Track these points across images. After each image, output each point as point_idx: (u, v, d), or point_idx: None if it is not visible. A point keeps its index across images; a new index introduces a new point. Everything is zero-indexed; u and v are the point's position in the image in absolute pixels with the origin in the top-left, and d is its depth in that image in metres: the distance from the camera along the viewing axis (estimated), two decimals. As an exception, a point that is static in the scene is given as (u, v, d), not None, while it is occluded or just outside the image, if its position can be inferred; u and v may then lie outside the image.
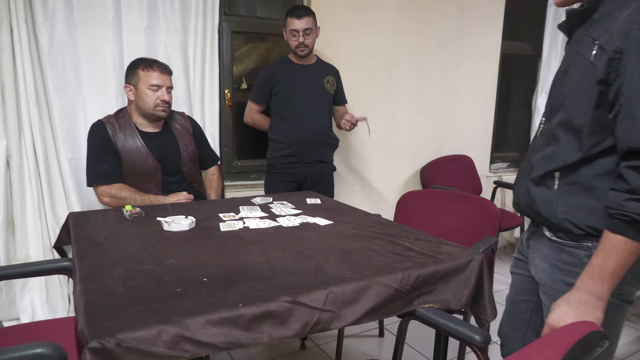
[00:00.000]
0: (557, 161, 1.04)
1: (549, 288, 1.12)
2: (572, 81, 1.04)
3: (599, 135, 0.97)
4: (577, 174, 1.02)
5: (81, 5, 2.23)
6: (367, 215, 1.79)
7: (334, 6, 2.74)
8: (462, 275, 1.30)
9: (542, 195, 1.08)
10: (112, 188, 1.93)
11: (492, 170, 3.62)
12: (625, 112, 0.91)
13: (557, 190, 1.05)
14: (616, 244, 0.93)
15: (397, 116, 3.09)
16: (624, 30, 0.91)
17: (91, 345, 0.81)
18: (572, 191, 1.03)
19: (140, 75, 1.97)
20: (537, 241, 1.16)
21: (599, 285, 0.95)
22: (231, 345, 0.94)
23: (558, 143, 1.05)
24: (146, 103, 1.96)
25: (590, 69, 0.97)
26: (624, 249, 0.92)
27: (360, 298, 1.11)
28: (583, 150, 1.00)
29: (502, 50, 3.43)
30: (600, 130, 0.97)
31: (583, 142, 1.00)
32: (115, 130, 1.97)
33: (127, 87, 2.00)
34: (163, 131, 2.08)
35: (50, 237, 2.32)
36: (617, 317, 1.08)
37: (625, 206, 0.90)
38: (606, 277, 0.94)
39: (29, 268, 1.44)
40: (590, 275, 0.96)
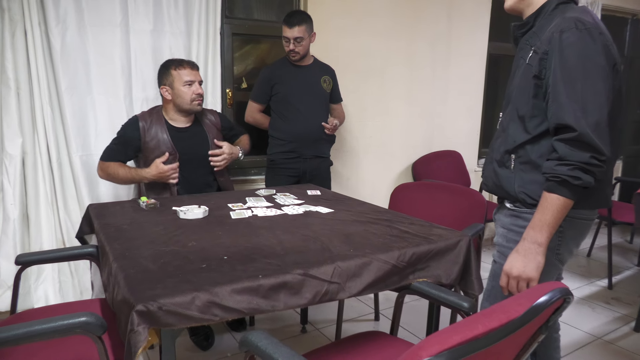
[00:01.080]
0: (509, 143, 1.30)
1: (504, 247, 1.36)
2: (517, 79, 1.30)
3: (538, 119, 1.23)
4: (527, 154, 1.26)
5: (91, 10, 2.35)
6: (364, 204, 1.94)
7: (329, 12, 2.89)
8: (451, 254, 1.45)
9: (503, 174, 1.33)
10: (103, 163, 2.13)
11: (480, 165, 3.80)
12: (552, 98, 1.17)
13: (513, 169, 1.30)
14: (551, 201, 1.16)
15: (389, 114, 3.25)
16: (549, 37, 1.18)
17: (138, 308, 0.95)
18: (525, 169, 1.27)
19: (173, 75, 2.11)
20: (500, 214, 1.40)
21: (539, 234, 1.18)
22: (253, 310, 1.09)
23: (509, 129, 1.31)
24: (184, 99, 2.11)
25: (528, 68, 1.24)
26: (557, 204, 1.16)
27: (363, 272, 1.26)
28: (528, 132, 1.25)
29: (488, 50, 3.61)
30: (538, 114, 1.23)
31: (526, 125, 1.25)
32: (146, 124, 2.13)
33: (163, 88, 2.14)
34: (193, 125, 2.22)
35: (62, 230, 2.44)
36: (551, 274, 1.32)
37: (556, 170, 1.15)
38: (545, 227, 1.18)
39: (58, 254, 1.57)
40: (532, 227, 1.20)
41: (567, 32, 1.14)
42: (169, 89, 2.13)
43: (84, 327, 1.07)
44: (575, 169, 1.12)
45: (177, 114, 2.17)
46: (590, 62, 1.13)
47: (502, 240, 1.37)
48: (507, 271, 1.23)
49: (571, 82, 1.13)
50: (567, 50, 1.13)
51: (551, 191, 1.16)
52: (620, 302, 2.84)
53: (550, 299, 0.86)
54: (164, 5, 2.50)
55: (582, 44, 1.13)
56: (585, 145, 1.11)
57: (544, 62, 1.19)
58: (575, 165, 1.12)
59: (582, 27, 1.14)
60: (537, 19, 1.28)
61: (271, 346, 0.97)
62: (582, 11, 1.20)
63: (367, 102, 3.15)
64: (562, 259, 1.31)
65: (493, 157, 1.37)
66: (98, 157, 2.44)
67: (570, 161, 1.12)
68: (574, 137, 1.12)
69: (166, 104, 2.19)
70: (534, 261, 1.19)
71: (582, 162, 1.12)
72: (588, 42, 1.13)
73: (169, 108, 2.18)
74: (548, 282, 0.94)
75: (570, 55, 1.13)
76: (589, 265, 3.49)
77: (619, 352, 2.27)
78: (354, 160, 3.17)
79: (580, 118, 1.11)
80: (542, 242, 1.18)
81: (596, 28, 1.15)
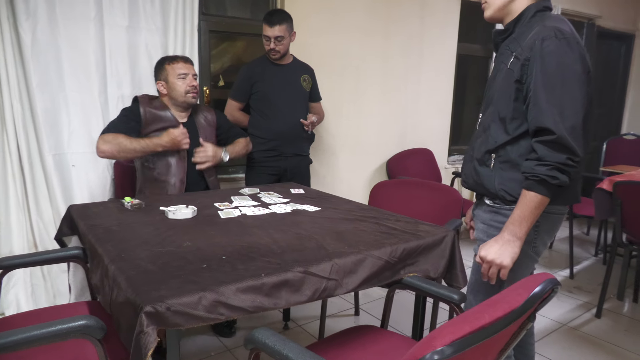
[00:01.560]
0: (490, 143, 1.37)
1: (483, 242, 1.41)
2: (498, 83, 1.37)
3: (518, 121, 1.31)
4: (506, 154, 1.34)
5: (63, 3, 2.27)
6: (348, 202, 1.98)
7: (306, 10, 2.91)
8: (438, 249, 1.52)
9: (483, 172, 1.40)
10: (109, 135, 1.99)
11: (450, 162, 3.93)
12: (533, 102, 1.24)
13: (493, 168, 1.37)
14: (530, 198, 1.25)
15: (364, 113, 3.31)
16: (530, 44, 1.26)
17: (146, 309, 0.95)
18: (505, 168, 1.35)
19: (167, 70, 2.11)
20: (479, 210, 1.48)
21: (518, 229, 1.27)
22: (257, 309, 1.10)
23: (490, 130, 1.37)
24: (178, 92, 2.12)
25: (509, 73, 1.31)
26: (535, 201, 1.24)
27: (358, 268, 1.31)
28: (508, 133, 1.32)
29: (457, 51, 3.73)
30: (518, 117, 1.30)
31: (507, 126, 1.33)
32: (146, 102, 2.11)
33: (158, 83, 2.15)
34: (188, 122, 2.20)
35: (35, 233, 2.35)
36: (528, 266, 1.41)
37: (535, 170, 1.23)
38: (523, 222, 1.26)
39: (42, 256, 1.52)
40: (512, 222, 1.28)
41: (547, 41, 1.22)
42: (164, 84, 2.13)
43: (83, 331, 1.06)
44: (553, 169, 1.21)
45: (173, 107, 2.17)
46: (568, 69, 1.21)
47: (482, 235, 1.44)
48: (482, 256, 1.31)
49: (551, 87, 1.21)
50: (548, 57, 1.21)
51: (530, 189, 1.24)
52: (581, 291, 3.03)
53: (545, 288, 0.92)
54: (139, 1, 2.45)
55: (561, 53, 1.21)
56: (562, 147, 1.20)
57: (525, 67, 1.26)
58: (552, 165, 1.20)
59: (561, 37, 1.22)
60: (517, 25, 1.35)
61: (279, 342, 0.99)
62: (560, 20, 1.28)
63: (343, 101, 3.19)
64: (538, 251, 1.40)
65: (473, 155, 1.44)
66: (72, 155, 2.39)
67: (549, 162, 1.21)
68: (552, 140, 1.20)
69: (162, 97, 2.18)
70: (509, 251, 1.27)
71: (559, 162, 1.20)
72: (566, 50, 1.21)
73: (166, 102, 2.17)
74: (540, 274, 1.01)
75: (550, 63, 1.21)
76: (551, 257, 3.69)
77: (583, 337, 2.43)
78: (330, 158, 3.21)
79: (559, 122, 1.19)
80: (520, 236, 1.27)
81: (573, 38, 1.23)
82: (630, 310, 2.78)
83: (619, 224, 2.56)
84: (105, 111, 2.43)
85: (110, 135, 1.99)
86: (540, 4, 1.34)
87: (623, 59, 5.34)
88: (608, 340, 2.40)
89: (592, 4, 4.53)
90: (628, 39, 5.25)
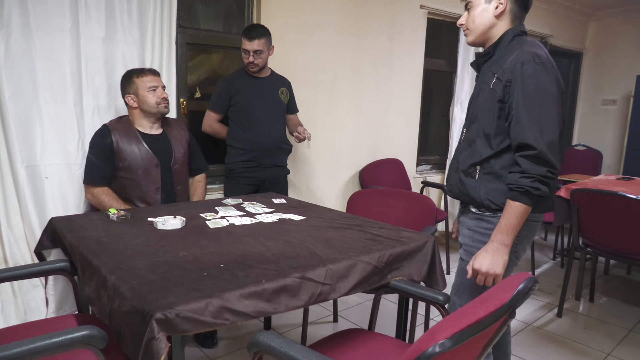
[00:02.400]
0: (476, 157, 1.49)
1: (469, 247, 1.55)
2: (481, 102, 1.49)
3: (501, 137, 1.43)
4: (490, 166, 1.46)
5: (38, 14, 2.23)
6: (330, 210, 2.05)
7: (282, 25, 2.98)
8: (420, 253, 1.61)
9: (469, 182, 1.51)
10: (95, 189, 2.10)
11: (418, 172, 4.09)
12: (515, 120, 1.37)
13: (478, 179, 1.49)
14: (515, 208, 1.36)
15: (337, 125, 3.41)
16: (511, 68, 1.38)
17: (157, 316, 0.98)
18: (489, 179, 1.47)
19: (137, 83, 2.13)
20: (465, 217, 1.59)
21: (505, 237, 1.39)
22: (259, 314, 1.15)
23: (475, 144, 1.49)
24: (150, 105, 2.13)
25: (491, 93, 1.44)
26: (520, 211, 1.36)
27: (350, 273, 1.37)
28: (492, 148, 1.44)
29: (424, 66, 3.91)
30: (501, 133, 1.43)
31: (491, 142, 1.45)
32: (118, 135, 2.10)
33: (128, 97, 2.15)
34: (162, 135, 2.22)
35: (5, 247, 2.27)
36: (510, 269, 1.52)
37: (520, 182, 1.35)
38: (510, 230, 1.38)
39: (28, 270, 1.50)
40: (499, 231, 1.40)
41: (526, 65, 1.35)
42: (134, 97, 2.14)
43: (86, 341, 1.07)
44: (535, 181, 1.33)
45: (145, 120, 2.17)
46: (546, 91, 1.34)
47: (468, 240, 1.55)
48: (477, 268, 1.41)
49: (531, 107, 1.33)
50: (527, 80, 1.34)
51: (515, 199, 1.36)
52: (543, 292, 3.22)
53: (527, 286, 1.02)
54: (117, 12, 2.44)
55: (538, 76, 1.34)
56: (542, 161, 1.32)
57: (507, 88, 1.39)
58: (535, 177, 1.33)
59: (538, 61, 1.35)
60: (497, 48, 1.48)
61: (285, 344, 1.04)
62: (536, 45, 1.42)
63: (318, 113, 3.28)
64: (518, 256, 1.52)
65: (459, 167, 1.57)
66: (45, 167, 2.34)
67: (531, 174, 1.33)
68: (533, 154, 1.32)
69: (133, 112, 2.17)
70: (500, 259, 1.38)
71: (540, 175, 1.32)
72: (543, 74, 1.34)
73: (137, 116, 2.17)
74: (521, 273, 1.12)
75: (530, 85, 1.34)
76: (513, 261, 3.89)
77: (547, 336, 2.59)
78: (305, 169, 3.28)
79: (539, 138, 1.31)
80: (508, 244, 1.38)
81: (549, 62, 1.37)
82: (586, 309, 2.98)
83: (577, 229, 2.76)
84: (80, 122, 2.39)
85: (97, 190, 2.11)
86: (517, 29, 1.47)
87: (572, 75, 5.74)
88: (569, 338, 2.57)
89: (545, 24, 4.86)
90: (576, 57, 5.65)
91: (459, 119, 4.05)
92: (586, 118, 5.78)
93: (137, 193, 2.12)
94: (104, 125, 2.16)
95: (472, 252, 1.50)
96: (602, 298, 3.16)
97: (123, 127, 2.14)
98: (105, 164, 2.10)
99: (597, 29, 5.60)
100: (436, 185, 3.84)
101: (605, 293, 3.26)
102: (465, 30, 1.54)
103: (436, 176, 4.20)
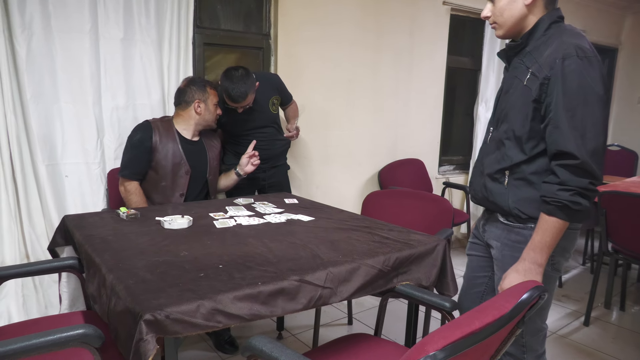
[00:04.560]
0: (506, 161, 1.34)
1: (500, 261, 1.41)
2: (512, 99, 1.33)
3: (534, 141, 1.28)
4: (522, 172, 1.31)
5: (58, 16, 2.29)
6: (341, 211, 2.02)
7: (298, 23, 2.96)
8: (430, 257, 1.55)
9: (496, 189, 1.37)
10: (129, 184, 2.15)
11: (441, 172, 3.99)
12: (553, 124, 1.21)
13: (507, 185, 1.35)
14: (551, 223, 1.22)
15: (355, 124, 3.36)
16: (550, 63, 1.22)
17: (146, 317, 0.97)
18: (519, 185, 1.32)
19: (209, 94, 2.23)
20: (491, 225, 1.46)
21: (539, 255, 1.25)
22: (253, 316, 1.13)
23: (505, 147, 1.34)
24: (211, 118, 2.26)
25: (525, 90, 1.28)
26: (556, 227, 1.22)
27: (352, 277, 1.33)
28: (525, 152, 1.30)
29: (447, 64, 3.81)
30: (535, 137, 1.28)
31: (523, 146, 1.30)
32: (159, 132, 2.15)
33: (197, 102, 2.21)
34: (199, 142, 2.28)
35: (27, 243, 2.34)
36: (550, 285, 1.39)
37: (558, 195, 1.20)
38: (544, 249, 1.24)
39: (38, 267, 1.53)
40: (532, 249, 1.26)
41: (568, 59, 1.18)
42: (202, 104, 2.20)
43: (82, 339, 1.07)
44: (576, 194, 1.18)
45: (193, 126, 2.23)
46: (590, 90, 1.17)
47: (497, 254, 1.42)
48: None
49: (573, 109, 1.17)
50: (569, 77, 1.17)
51: (551, 214, 1.21)
52: (569, 299, 3.08)
53: (532, 296, 0.96)
54: (134, 13, 2.48)
55: (583, 72, 1.17)
56: (584, 172, 1.17)
57: (544, 87, 1.22)
58: (575, 190, 1.18)
59: (582, 55, 1.18)
60: (530, 38, 1.31)
61: (276, 349, 1.01)
62: (579, 36, 1.24)
63: (335, 112, 3.24)
64: (558, 268, 1.36)
65: (483, 171, 1.42)
66: (65, 166, 2.40)
67: (571, 186, 1.18)
68: (574, 164, 1.17)
69: (187, 116, 2.22)
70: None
71: (581, 187, 1.18)
72: (588, 70, 1.17)
73: (189, 120, 2.22)
74: (527, 281, 1.05)
75: (572, 83, 1.17)
76: (540, 266, 3.74)
77: (572, 345, 2.47)
78: (322, 168, 3.25)
79: (581, 146, 1.16)
80: (541, 263, 1.25)
81: (594, 56, 1.19)
82: (617, 318, 2.83)
83: (605, 233, 2.62)
84: (99, 122, 2.44)
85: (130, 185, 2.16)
86: (554, 15, 1.29)
87: (607, 72, 5.48)
88: (596, 349, 2.44)
89: (577, 19, 4.66)
90: (611, 53, 5.40)
91: (484, 118, 3.93)
92: (621, 117, 5.51)
93: (159, 195, 2.15)
94: (146, 120, 2.21)
95: (504, 267, 1.36)
96: (634, 307, 2.99)
97: (164, 126, 2.19)
98: (142, 159, 2.13)
99: (633, 23, 5.33)
100: (458, 187, 3.74)
101: (638, 301, 3.09)
102: (493, 24, 1.37)
103: (459, 177, 4.09)
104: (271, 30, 3.00)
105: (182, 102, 2.22)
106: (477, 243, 1.56)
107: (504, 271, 1.35)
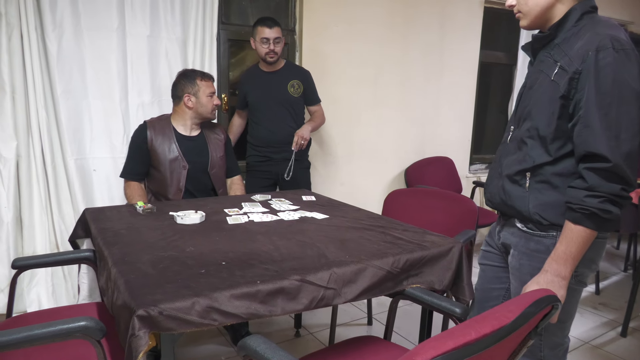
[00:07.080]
0: (528, 162, 1.23)
1: (517, 271, 1.31)
2: (537, 95, 1.22)
3: (561, 141, 1.17)
4: (545, 174, 1.20)
5: (88, 15, 2.36)
6: (358, 210, 1.97)
7: (324, 19, 2.93)
8: (444, 260, 1.48)
9: (515, 192, 1.26)
10: (129, 184, 2.19)
11: (472, 171, 3.86)
12: (584, 123, 1.10)
13: (528, 188, 1.23)
14: (577, 232, 1.12)
15: (382, 121, 3.29)
16: (582, 55, 1.11)
17: (139, 313, 0.97)
18: (541, 189, 1.21)
19: (199, 85, 2.16)
20: (507, 232, 1.35)
21: (562, 267, 1.14)
22: (251, 316, 1.11)
23: (527, 147, 1.23)
24: (207, 110, 2.18)
25: (552, 86, 1.16)
26: (583, 237, 1.11)
27: (358, 278, 1.29)
28: (549, 154, 1.19)
29: (480, 59, 3.67)
30: (562, 136, 1.17)
31: (548, 147, 1.19)
32: (154, 133, 2.16)
33: (187, 96, 2.16)
34: (199, 137, 2.25)
35: (57, 234, 2.44)
36: (573, 298, 1.27)
37: (585, 202, 1.09)
38: (569, 260, 1.13)
39: (55, 258, 1.58)
40: (555, 260, 1.15)
41: (603, 52, 1.07)
42: (192, 98, 2.16)
43: (83, 332, 1.09)
44: (606, 201, 1.08)
45: (189, 120, 2.20)
46: (627, 86, 1.07)
47: (515, 263, 1.31)
48: None
49: (606, 107, 1.07)
50: (603, 72, 1.07)
51: (578, 223, 1.11)
52: (607, 308, 2.90)
53: (539, 307, 0.89)
54: (160, 11, 2.52)
55: (619, 67, 1.06)
56: (616, 176, 1.07)
57: (574, 82, 1.11)
58: (605, 197, 1.07)
59: (619, 47, 1.07)
60: (559, 29, 1.21)
61: (269, 350, 0.99)
62: (614, 27, 1.13)
63: (361, 109, 3.19)
64: (583, 281, 1.26)
65: (502, 172, 1.31)
66: (93, 160, 2.48)
67: (601, 192, 1.08)
68: (606, 168, 1.07)
69: (181, 111, 2.20)
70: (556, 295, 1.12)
71: (612, 194, 1.07)
72: (625, 64, 1.07)
73: (182, 116, 2.20)
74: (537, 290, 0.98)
75: (607, 78, 1.07)
76: (577, 271, 3.55)
77: (606, 357, 2.32)
78: (347, 166, 3.20)
79: (614, 148, 1.06)
80: (565, 276, 1.14)
81: (632, 49, 1.08)
82: (659, 330, 2.65)
83: (646, 239, 2.44)
84: (125, 117, 2.50)
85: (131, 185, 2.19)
86: (586, 4, 1.18)
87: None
88: (633, 361, 2.29)
89: (623, 9, 4.37)
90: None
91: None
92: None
93: (162, 191, 2.17)
94: (143, 121, 2.23)
95: (521, 278, 1.26)
96: (679, 318, 2.79)
97: (160, 125, 2.19)
98: (137, 160, 2.16)
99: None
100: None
101: (684, 313, 2.87)
102: (517, 13, 1.27)
103: (491, 176, 3.93)
104: (296, 26, 2.98)
105: (175, 98, 2.21)
106: (492, 252, 1.45)
107: (521, 281, 1.25)
